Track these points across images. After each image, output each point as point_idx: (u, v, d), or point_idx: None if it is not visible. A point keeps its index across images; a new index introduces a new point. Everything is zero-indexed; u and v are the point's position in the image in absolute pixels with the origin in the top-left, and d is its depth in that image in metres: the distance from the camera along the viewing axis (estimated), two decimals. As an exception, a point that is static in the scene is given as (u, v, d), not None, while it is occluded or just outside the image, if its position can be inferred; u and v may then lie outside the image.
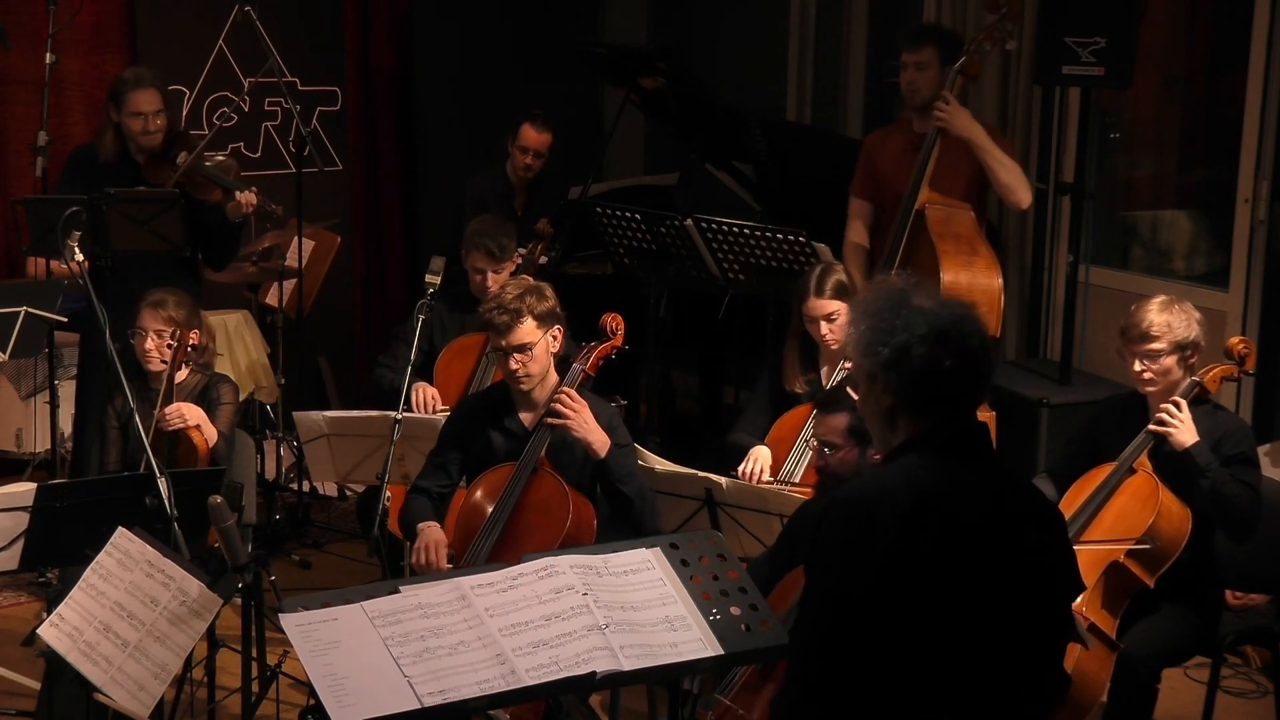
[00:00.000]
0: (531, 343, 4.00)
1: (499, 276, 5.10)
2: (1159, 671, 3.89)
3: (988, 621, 2.34)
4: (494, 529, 3.91)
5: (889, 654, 2.30)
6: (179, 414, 4.34)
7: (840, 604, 2.31)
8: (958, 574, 2.32)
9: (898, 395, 2.41)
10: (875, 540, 2.29)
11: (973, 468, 2.41)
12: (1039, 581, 2.41)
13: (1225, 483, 3.86)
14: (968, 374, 2.39)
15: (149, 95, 5.23)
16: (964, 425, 2.42)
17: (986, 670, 2.35)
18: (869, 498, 2.36)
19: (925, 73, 5.15)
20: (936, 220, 5.08)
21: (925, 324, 2.37)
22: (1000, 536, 2.37)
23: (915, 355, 2.37)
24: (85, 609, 3.32)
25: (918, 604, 2.29)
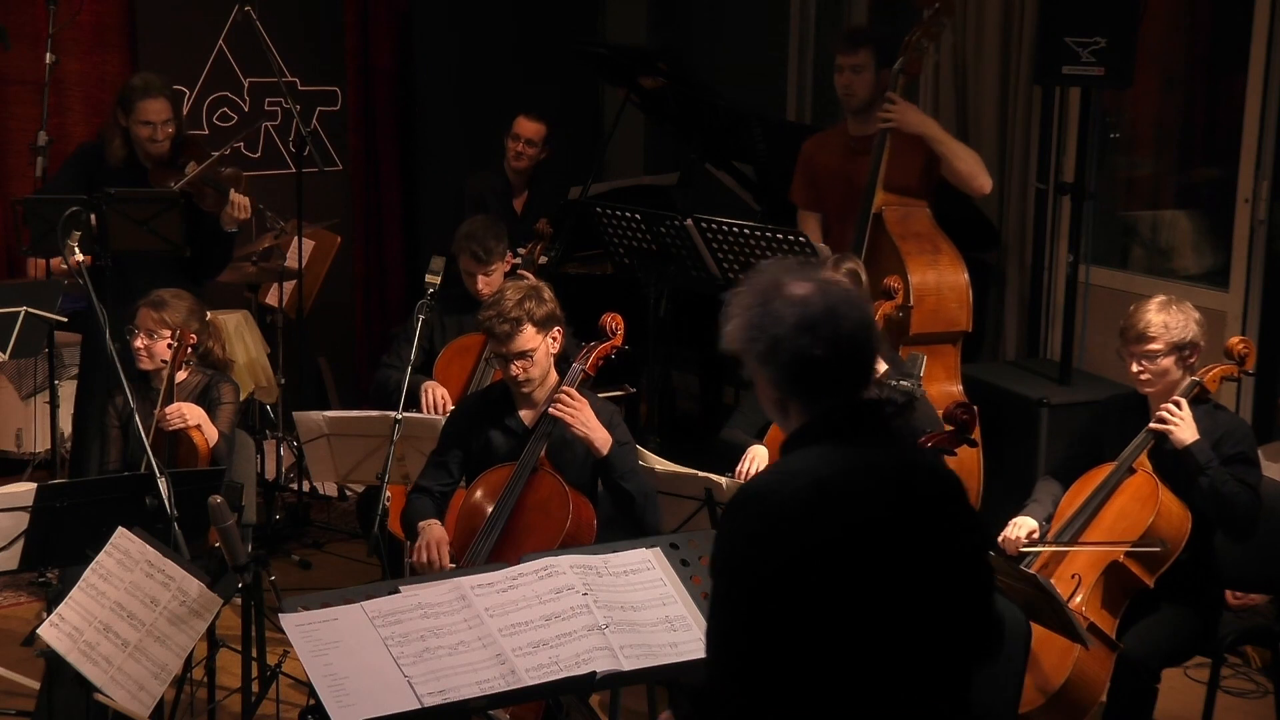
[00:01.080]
0: (532, 349, 4.00)
1: (490, 279, 5.11)
2: (1159, 671, 3.89)
3: (902, 595, 2.34)
4: (494, 529, 3.91)
5: (806, 641, 2.30)
6: (179, 414, 4.34)
7: (751, 597, 2.31)
8: (866, 555, 2.32)
9: (779, 387, 2.42)
10: (781, 531, 2.30)
11: (865, 447, 2.41)
12: (947, 545, 2.42)
13: (1225, 482, 3.86)
14: (842, 360, 2.38)
15: (158, 104, 5.22)
16: (851, 408, 2.42)
17: (907, 642, 2.35)
18: (772, 490, 2.36)
19: (861, 75, 5.19)
20: (894, 220, 5.12)
21: (795, 315, 2.37)
22: (901, 511, 2.38)
23: (786, 348, 2.37)
24: (85, 609, 3.32)
25: (829, 590, 2.30)
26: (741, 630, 2.32)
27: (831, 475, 2.34)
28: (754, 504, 2.36)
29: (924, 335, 5.07)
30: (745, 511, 2.36)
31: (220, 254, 5.46)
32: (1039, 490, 4.19)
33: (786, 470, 2.41)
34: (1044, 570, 3.93)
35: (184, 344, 4.40)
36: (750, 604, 2.31)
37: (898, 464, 2.44)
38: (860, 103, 5.24)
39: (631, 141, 7.97)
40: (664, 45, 7.83)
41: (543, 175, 6.55)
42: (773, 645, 2.30)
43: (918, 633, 2.36)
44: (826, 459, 2.37)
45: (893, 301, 4.73)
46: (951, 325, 5.14)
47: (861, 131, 5.27)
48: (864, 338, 2.41)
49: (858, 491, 2.34)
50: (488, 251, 5.11)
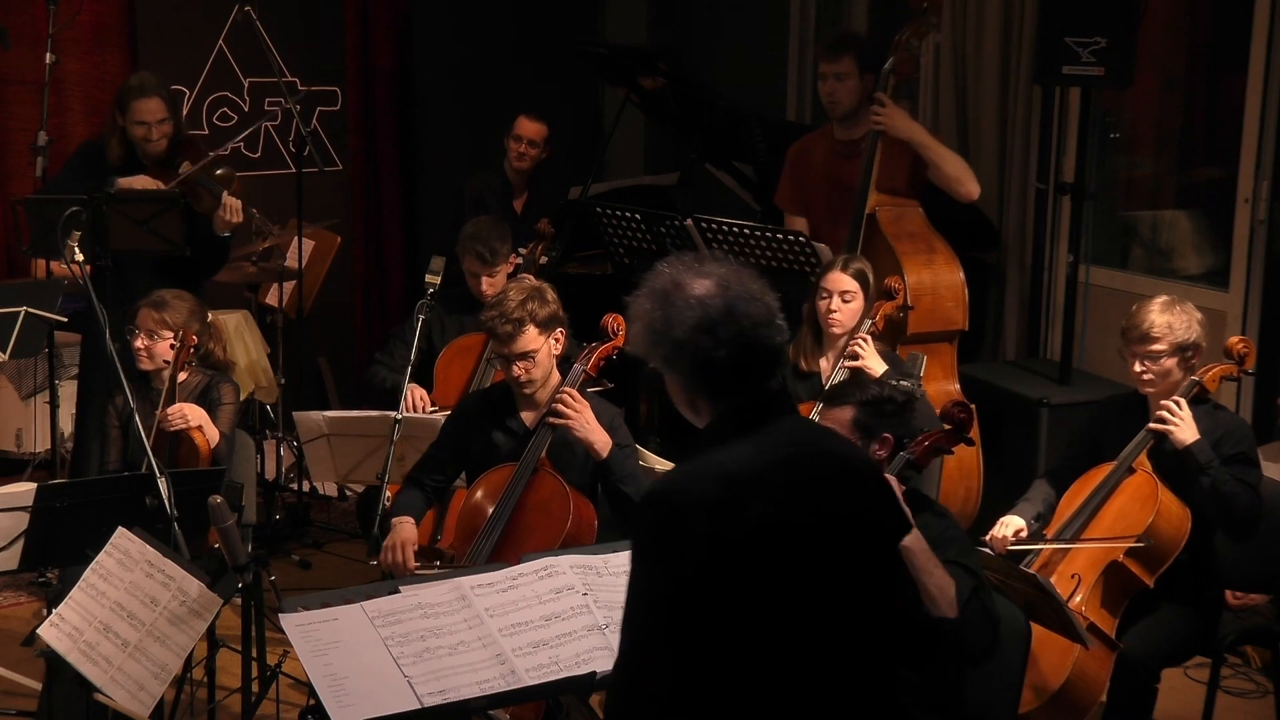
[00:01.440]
0: (534, 350, 4.00)
1: (494, 280, 5.11)
2: (1159, 671, 3.89)
3: (815, 589, 2.34)
4: (495, 529, 3.91)
5: (718, 639, 2.29)
6: (181, 415, 4.34)
7: (662, 596, 2.30)
8: (776, 550, 2.31)
9: (688, 388, 2.43)
10: (688, 531, 2.28)
11: (774, 441, 2.40)
12: (862, 534, 2.41)
13: (1225, 481, 3.86)
14: (744, 358, 2.37)
15: (153, 104, 5.21)
16: (759, 403, 2.41)
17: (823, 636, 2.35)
18: (677, 490, 2.35)
19: (845, 83, 5.20)
20: (888, 221, 5.13)
21: (694, 317, 2.36)
22: (810, 504, 2.37)
23: (688, 351, 2.37)
24: (85, 609, 3.32)
25: (740, 587, 2.29)
26: (653, 630, 2.31)
27: (739, 471, 2.33)
28: (660, 504, 2.34)
29: (921, 335, 5.07)
30: (652, 512, 2.34)
31: (214, 257, 5.45)
32: (1032, 490, 4.19)
33: (693, 469, 2.40)
34: (1044, 570, 3.93)
35: (186, 345, 4.39)
36: (661, 603, 2.30)
37: (810, 456, 2.42)
38: (844, 110, 5.25)
39: (631, 141, 7.97)
40: (664, 45, 7.83)
41: (543, 175, 6.55)
42: (684, 644, 2.28)
43: (833, 627, 2.36)
44: (734, 455, 2.36)
45: (894, 302, 4.73)
46: (948, 324, 5.14)
47: (848, 136, 5.29)
48: (765, 334, 2.39)
49: (766, 487, 2.32)
50: (493, 253, 5.11)
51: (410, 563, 3.89)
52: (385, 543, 3.96)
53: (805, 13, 7.41)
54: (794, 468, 2.38)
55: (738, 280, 2.41)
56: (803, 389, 4.65)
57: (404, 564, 3.89)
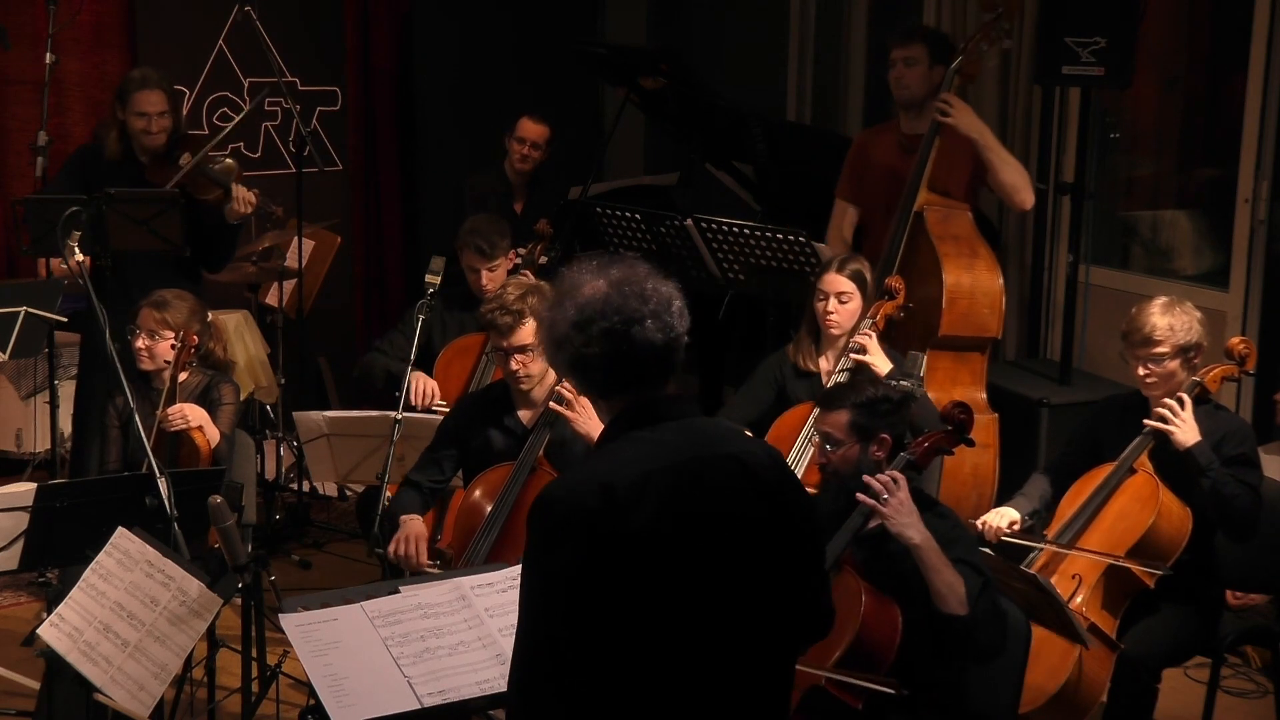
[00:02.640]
0: (533, 344, 4.01)
1: (494, 275, 5.11)
2: (1159, 671, 3.89)
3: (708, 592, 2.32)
4: (493, 528, 3.91)
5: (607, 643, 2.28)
6: (182, 415, 4.34)
7: (550, 603, 2.29)
8: (661, 558, 2.29)
9: (580, 387, 2.46)
10: (573, 537, 2.27)
11: (671, 440, 2.37)
12: (763, 535, 2.39)
13: (1226, 483, 3.86)
14: (617, 354, 2.36)
15: (154, 96, 5.22)
16: (646, 404, 2.39)
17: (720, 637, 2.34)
18: (558, 497, 2.34)
19: (914, 69, 5.16)
20: (935, 221, 5.08)
21: (571, 316, 2.37)
22: (704, 505, 2.34)
23: (565, 349, 2.38)
24: (85, 609, 3.32)
25: (625, 594, 2.28)
26: (543, 637, 2.30)
27: (620, 480, 2.30)
28: (544, 512, 2.33)
29: (953, 339, 4.99)
30: (536, 520, 2.34)
31: (225, 246, 5.48)
32: (1029, 485, 4.19)
33: (576, 477, 2.40)
34: (1044, 570, 3.93)
35: (187, 345, 4.40)
36: (550, 611, 2.29)
37: (702, 460, 2.37)
38: (911, 96, 5.19)
39: (631, 141, 7.97)
40: (664, 45, 7.83)
41: (543, 175, 6.55)
42: (572, 651, 2.28)
43: (730, 629, 2.34)
44: (617, 463, 2.34)
45: (894, 302, 4.72)
46: (981, 330, 5.05)
47: (914, 130, 5.21)
48: (639, 331, 2.36)
49: (647, 496, 2.29)
50: (492, 246, 5.12)
51: (422, 558, 3.90)
52: (397, 536, 3.96)
53: (805, 13, 7.41)
54: (681, 474, 2.33)
55: (628, 279, 2.40)
56: (802, 389, 4.65)
57: (415, 557, 3.90)
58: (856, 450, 3.49)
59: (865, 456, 3.49)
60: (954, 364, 4.98)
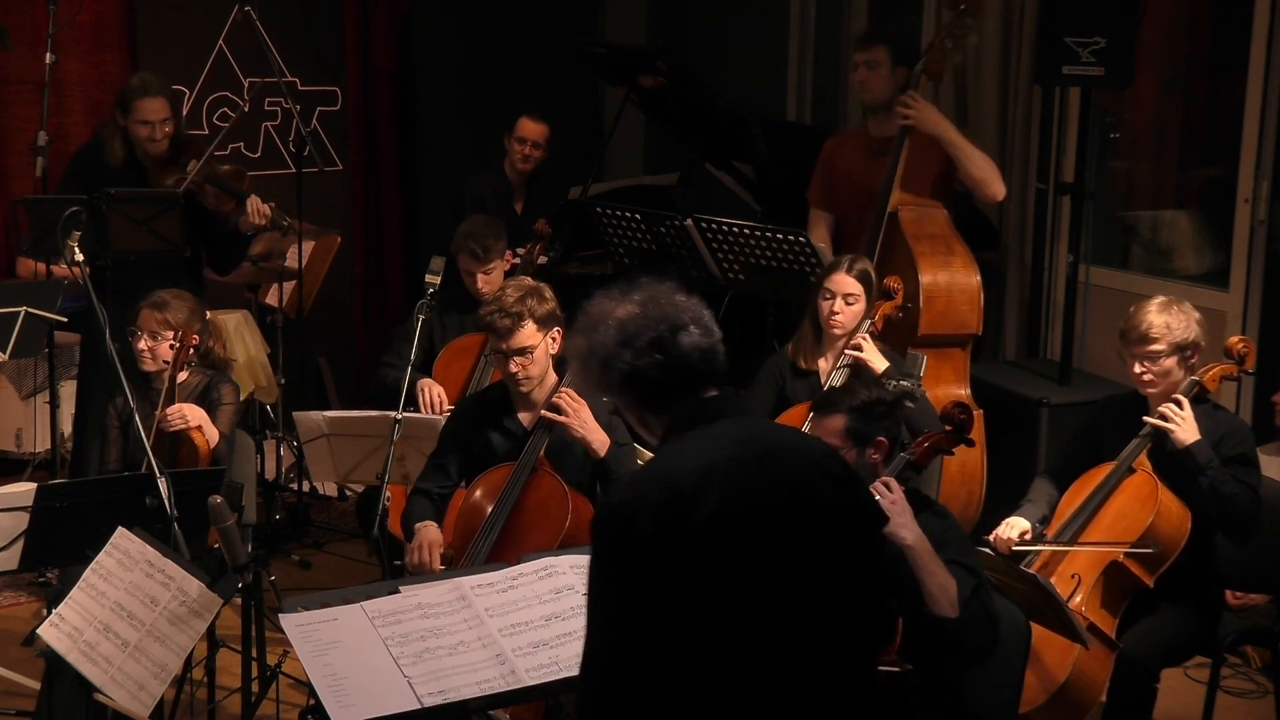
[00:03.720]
0: (532, 346, 4.00)
1: (489, 277, 5.12)
2: (1158, 671, 3.89)
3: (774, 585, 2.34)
4: (493, 529, 3.91)
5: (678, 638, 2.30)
6: (181, 415, 4.34)
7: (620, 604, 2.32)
8: (727, 550, 2.31)
9: (630, 406, 2.49)
10: (636, 536, 2.30)
11: (728, 438, 2.42)
12: (821, 530, 2.40)
13: (1225, 482, 3.86)
14: (669, 362, 2.43)
15: (157, 104, 5.23)
16: (699, 406, 2.45)
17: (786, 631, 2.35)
18: (627, 496, 2.38)
19: (876, 71, 5.19)
20: (910, 221, 5.12)
21: (615, 336, 2.44)
22: (764, 499, 2.37)
23: (616, 368, 2.43)
24: (85, 609, 3.32)
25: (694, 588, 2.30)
26: (613, 638, 2.33)
27: (682, 474, 2.34)
28: (611, 515, 2.37)
29: (932, 337, 5.05)
30: (603, 523, 2.37)
31: (237, 251, 5.54)
32: (1034, 490, 4.19)
33: (638, 477, 2.44)
34: (1044, 570, 3.93)
35: (186, 345, 4.40)
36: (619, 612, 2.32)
37: (760, 454, 2.42)
38: (876, 99, 5.23)
39: (631, 141, 7.97)
40: (664, 45, 7.83)
41: (543, 175, 6.55)
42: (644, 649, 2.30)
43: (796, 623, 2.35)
44: (678, 460, 2.38)
45: (893, 302, 4.72)
46: (961, 328, 5.11)
47: (882, 133, 5.25)
48: (685, 338, 2.43)
49: (711, 488, 2.32)
50: (486, 250, 5.12)
51: (436, 565, 3.90)
52: (412, 544, 3.97)
53: (805, 13, 7.40)
54: (741, 467, 2.38)
55: (658, 295, 2.48)
56: (801, 388, 4.65)
57: (430, 564, 3.90)
58: (854, 455, 3.49)
59: (862, 460, 3.49)
60: (936, 361, 5.00)
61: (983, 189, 5.16)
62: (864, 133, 5.38)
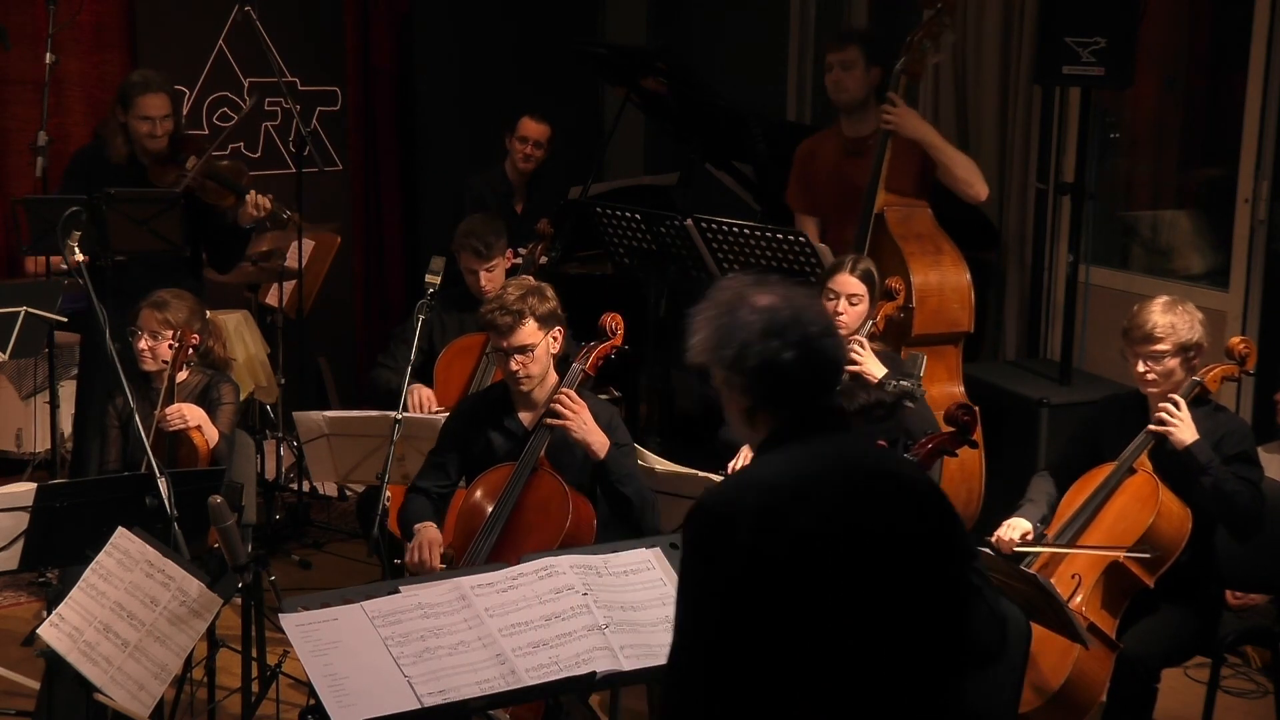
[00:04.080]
0: (533, 344, 4.00)
1: (491, 275, 5.12)
2: (1158, 671, 3.89)
3: (860, 603, 2.33)
4: (494, 529, 3.91)
5: (761, 651, 2.29)
6: (180, 415, 4.34)
7: (706, 602, 2.32)
8: (818, 566, 2.31)
9: (750, 394, 2.44)
10: (730, 543, 2.30)
11: (829, 454, 2.41)
12: (912, 554, 2.39)
13: (1226, 480, 3.86)
14: (810, 362, 2.40)
15: (158, 100, 5.24)
16: (817, 412, 2.44)
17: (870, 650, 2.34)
18: (722, 501, 2.38)
19: (851, 72, 5.20)
20: (896, 221, 5.13)
21: (761, 321, 2.40)
22: (863, 517, 2.36)
23: (755, 352, 2.39)
24: (85, 609, 3.32)
25: (782, 600, 2.29)
26: (697, 637, 2.33)
27: (784, 482, 2.34)
28: (705, 516, 2.37)
29: (926, 336, 5.07)
30: (697, 521, 2.37)
31: (236, 249, 5.54)
32: (1033, 489, 4.18)
33: (739, 479, 2.44)
34: (1044, 570, 3.93)
35: (186, 344, 4.40)
36: (705, 610, 2.32)
37: (859, 472, 2.42)
38: (850, 99, 5.25)
39: (631, 141, 7.97)
40: (664, 45, 7.83)
41: (543, 175, 6.55)
42: (728, 651, 2.30)
43: (879, 643, 2.34)
44: (782, 466, 2.38)
45: (894, 302, 4.73)
46: (953, 326, 5.14)
47: (856, 133, 5.28)
48: (830, 344, 2.43)
49: (809, 499, 2.33)
50: (488, 247, 5.12)
51: (436, 563, 3.90)
52: (411, 544, 3.96)
53: (805, 13, 7.41)
54: (840, 483, 2.38)
55: (799, 294, 2.47)
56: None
57: (429, 564, 3.90)
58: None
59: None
60: (930, 360, 5.00)
61: (965, 190, 5.17)
62: (838, 133, 5.38)
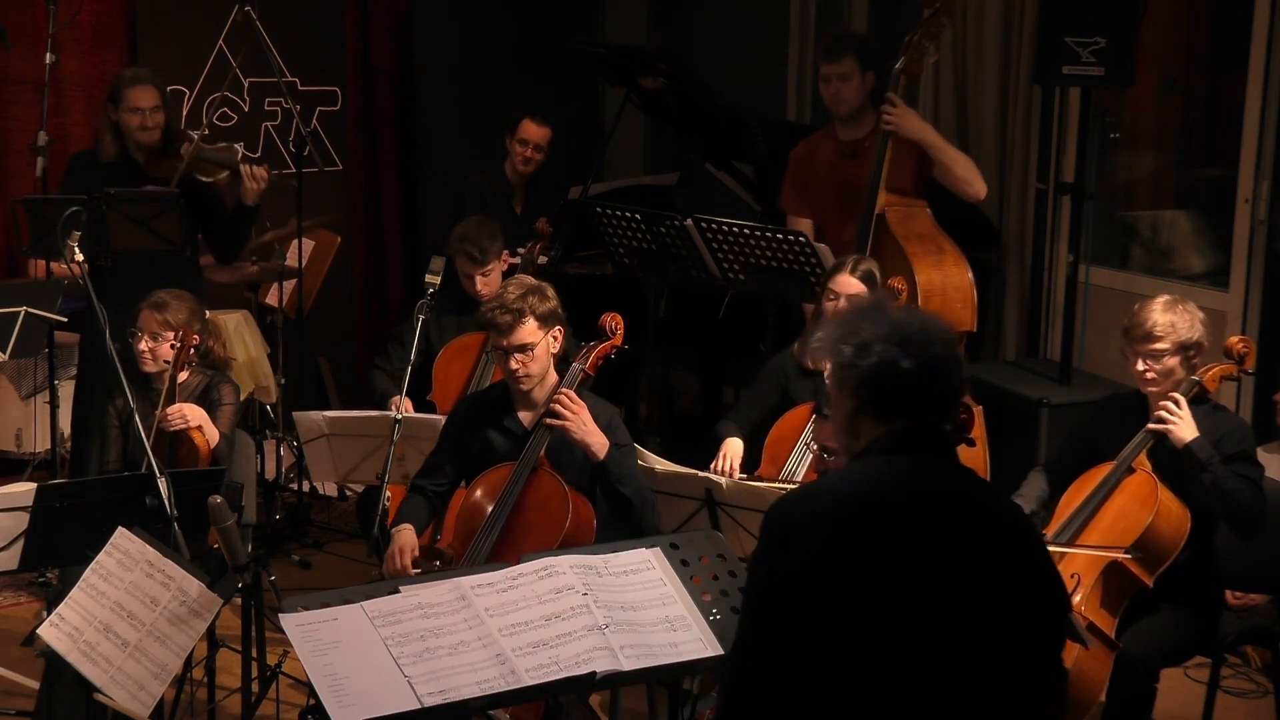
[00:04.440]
0: (533, 343, 4.00)
1: (487, 279, 5.12)
2: (1158, 671, 3.89)
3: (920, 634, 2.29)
4: (493, 529, 3.91)
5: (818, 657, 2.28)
6: (181, 415, 4.34)
7: (769, 606, 2.31)
8: (883, 581, 2.28)
9: (858, 396, 2.41)
10: (797, 544, 2.29)
11: (924, 473, 2.37)
12: (987, 601, 2.33)
13: (1226, 478, 3.86)
14: (928, 377, 2.37)
15: (147, 92, 5.27)
16: (921, 431, 2.39)
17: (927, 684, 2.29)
18: (799, 502, 2.37)
19: (849, 83, 5.23)
20: (898, 222, 5.14)
21: (889, 326, 2.40)
22: (944, 545, 2.32)
23: (874, 352, 2.38)
24: (85, 609, 3.32)
25: (842, 610, 2.27)
26: (753, 633, 2.34)
27: (861, 496, 2.31)
28: (778, 516, 2.37)
29: None
30: (768, 523, 2.37)
31: (241, 231, 5.57)
32: (1026, 485, 4.18)
33: (820, 485, 2.42)
34: (1044, 570, 3.92)
35: (186, 345, 4.40)
36: (767, 613, 2.32)
37: (951, 504, 2.37)
38: (851, 110, 5.27)
39: (631, 141, 7.97)
40: (664, 45, 7.83)
41: (543, 176, 6.55)
42: (785, 656, 2.29)
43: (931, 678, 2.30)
44: (867, 479, 2.35)
45: (896, 302, 4.72)
46: (956, 325, 5.13)
47: (851, 136, 5.29)
48: (951, 368, 2.41)
49: (885, 517, 2.30)
50: (483, 251, 5.12)
51: (410, 570, 3.90)
52: (388, 551, 3.96)
53: (805, 13, 7.41)
54: (921, 507, 2.33)
55: (929, 314, 2.49)
56: (806, 389, 4.66)
57: (404, 571, 3.90)
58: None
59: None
60: None
61: (964, 189, 5.18)
62: (832, 136, 5.40)
